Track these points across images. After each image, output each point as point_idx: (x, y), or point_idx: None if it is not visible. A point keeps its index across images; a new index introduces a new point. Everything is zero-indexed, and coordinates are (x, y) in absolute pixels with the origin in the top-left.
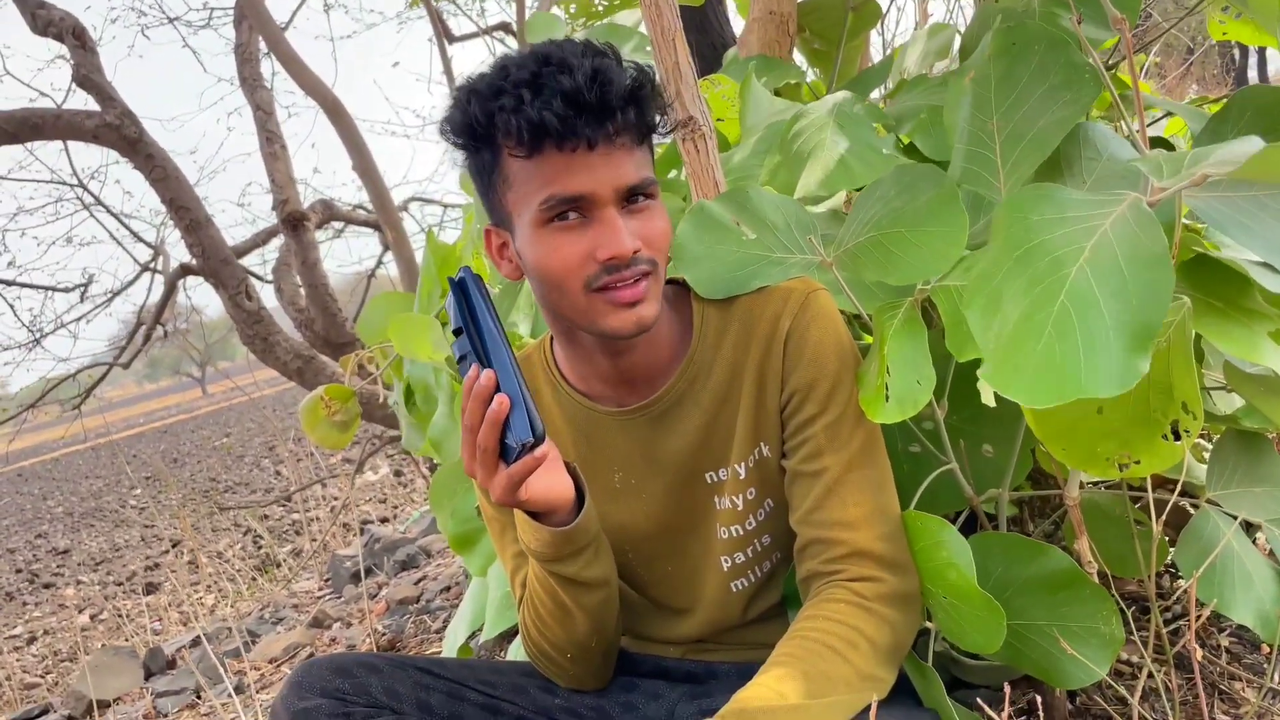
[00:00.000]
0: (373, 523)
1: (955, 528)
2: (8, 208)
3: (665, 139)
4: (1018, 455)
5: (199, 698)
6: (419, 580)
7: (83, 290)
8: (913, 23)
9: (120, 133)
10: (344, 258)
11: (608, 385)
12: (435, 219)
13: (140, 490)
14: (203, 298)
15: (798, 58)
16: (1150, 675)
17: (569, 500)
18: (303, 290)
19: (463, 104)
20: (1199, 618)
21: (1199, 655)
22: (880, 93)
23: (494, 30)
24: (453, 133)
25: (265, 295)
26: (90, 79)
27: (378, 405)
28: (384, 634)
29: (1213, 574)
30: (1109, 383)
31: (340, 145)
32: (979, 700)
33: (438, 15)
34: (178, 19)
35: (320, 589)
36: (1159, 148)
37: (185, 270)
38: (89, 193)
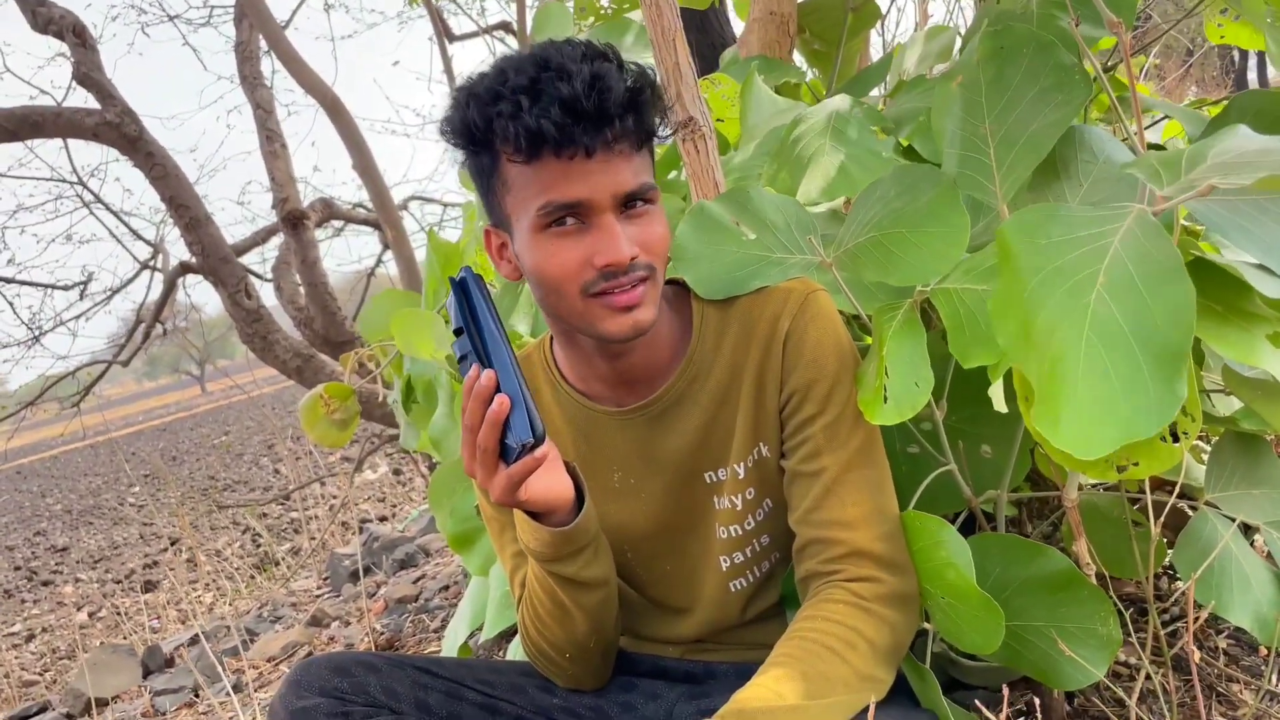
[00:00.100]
0: (371, 521)
1: (954, 528)
2: (7, 205)
3: (665, 141)
4: (1016, 456)
5: (197, 696)
6: (418, 579)
7: (82, 288)
8: (912, 23)
9: (120, 130)
10: (344, 256)
11: (607, 385)
12: (435, 218)
13: (139, 488)
14: (202, 296)
15: (798, 58)
16: (1148, 677)
17: (569, 500)
18: (302, 289)
19: (461, 107)
20: (1197, 619)
21: (1197, 657)
22: (880, 91)
23: (494, 29)
24: (452, 135)
25: (265, 294)
26: (90, 77)
27: (377, 404)
28: (382, 633)
29: (1211, 576)
30: (1150, 419)
31: (340, 144)
32: (976, 702)
33: (438, 14)
34: (178, 17)
35: (319, 588)
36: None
37: (185, 268)
38: (89, 190)
